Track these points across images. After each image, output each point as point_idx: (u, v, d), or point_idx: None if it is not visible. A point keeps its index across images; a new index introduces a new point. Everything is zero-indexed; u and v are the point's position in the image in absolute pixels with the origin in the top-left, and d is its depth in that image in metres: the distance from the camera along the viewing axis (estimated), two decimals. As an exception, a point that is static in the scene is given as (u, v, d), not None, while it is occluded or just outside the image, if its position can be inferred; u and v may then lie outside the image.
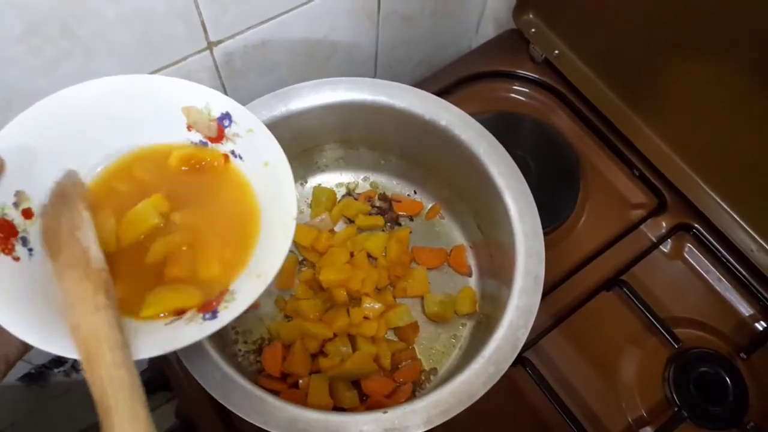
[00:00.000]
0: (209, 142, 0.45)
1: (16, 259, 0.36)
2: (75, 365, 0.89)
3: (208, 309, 0.37)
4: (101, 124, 0.42)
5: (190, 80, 0.44)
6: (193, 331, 0.36)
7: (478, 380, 0.46)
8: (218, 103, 0.44)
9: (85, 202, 0.38)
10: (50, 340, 0.33)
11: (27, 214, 0.38)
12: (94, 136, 0.42)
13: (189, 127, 0.44)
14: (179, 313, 0.38)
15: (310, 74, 0.69)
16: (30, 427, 0.92)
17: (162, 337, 0.36)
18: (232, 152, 0.45)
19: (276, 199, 0.42)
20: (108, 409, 0.30)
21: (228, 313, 0.37)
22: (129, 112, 0.43)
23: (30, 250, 0.37)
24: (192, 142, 0.45)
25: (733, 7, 0.52)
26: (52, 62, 0.48)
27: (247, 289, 0.38)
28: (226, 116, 0.44)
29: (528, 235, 0.52)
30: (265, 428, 0.44)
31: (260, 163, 0.43)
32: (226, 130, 0.44)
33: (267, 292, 0.61)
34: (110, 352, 0.31)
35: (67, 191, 0.39)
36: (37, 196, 0.39)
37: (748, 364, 0.61)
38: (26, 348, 0.36)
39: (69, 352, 0.33)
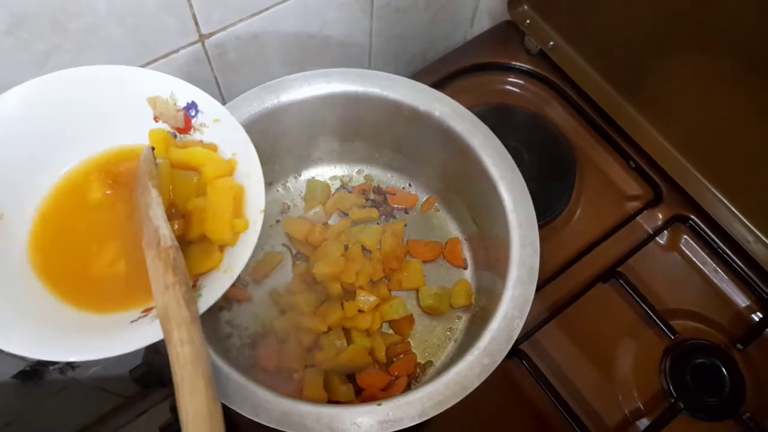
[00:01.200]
0: (177, 134, 0.44)
1: None
2: (70, 363, 0.88)
3: None
4: (67, 117, 0.41)
5: (181, 74, 0.43)
6: (158, 328, 0.35)
7: (473, 372, 0.46)
8: (183, 92, 0.43)
9: (154, 180, 0.39)
10: (17, 342, 0.33)
11: None
12: (62, 129, 0.41)
13: (156, 119, 0.44)
14: (147, 310, 0.38)
15: (303, 68, 0.68)
16: (26, 425, 0.92)
17: (128, 335, 0.36)
18: (201, 143, 0.44)
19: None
20: (176, 384, 0.31)
21: None
22: (95, 105, 0.42)
23: None
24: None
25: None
26: (42, 56, 0.47)
27: (214, 284, 0.38)
28: (192, 106, 0.43)
29: (522, 226, 0.52)
30: (258, 421, 0.43)
31: (228, 154, 0.43)
32: (193, 120, 0.44)
33: (259, 286, 0.61)
34: (177, 330, 0.32)
35: (142, 171, 0.40)
36: (2, 196, 0.38)
37: (745, 355, 0.61)
38: None
39: (35, 352, 0.33)
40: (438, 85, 0.74)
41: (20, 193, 0.39)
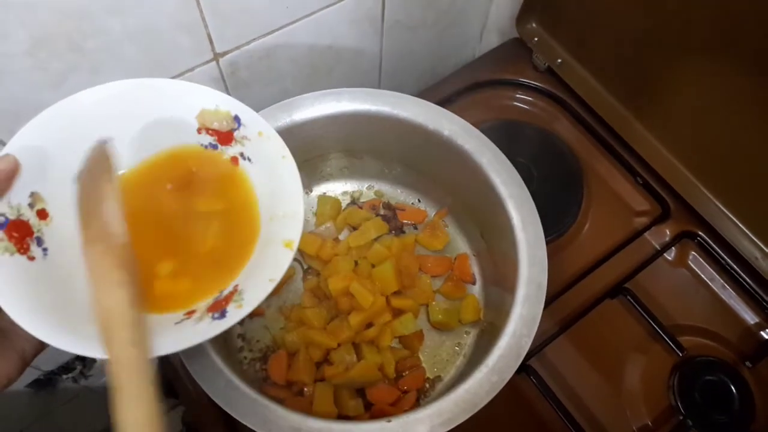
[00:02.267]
0: (219, 145, 0.45)
1: (32, 258, 0.37)
2: (83, 372, 0.89)
3: (218, 308, 0.38)
4: (112, 127, 0.42)
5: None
6: (203, 329, 0.36)
7: (482, 389, 0.46)
8: (228, 105, 0.45)
9: (112, 173, 0.38)
10: (64, 338, 0.34)
11: (42, 215, 0.39)
12: (116, 137, 0.42)
13: (199, 130, 0.45)
14: (190, 313, 0.39)
15: (314, 84, 0.70)
16: (38, 434, 0.93)
17: (172, 336, 0.36)
18: (241, 154, 0.45)
19: (282, 200, 0.43)
20: (117, 388, 0.30)
21: (237, 313, 0.37)
22: (139, 116, 0.43)
23: (45, 249, 0.38)
24: (202, 145, 0.45)
25: (738, 16, 0.52)
26: (59, 75, 0.49)
27: (255, 289, 0.39)
28: (236, 119, 0.44)
29: (531, 244, 0.52)
30: (269, 436, 0.44)
31: (269, 164, 0.44)
32: (235, 133, 0.45)
33: (270, 300, 0.62)
34: (124, 330, 0.31)
35: (95, 163, 0.39)
36: (51, 198, 0.39)
37: (754, 372, 0.61)
38: (42, 345, 0.37)
39: (83, 350, 0.33)
40: (447, 101, 0.74)
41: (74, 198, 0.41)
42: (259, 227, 0.43)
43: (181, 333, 0.37)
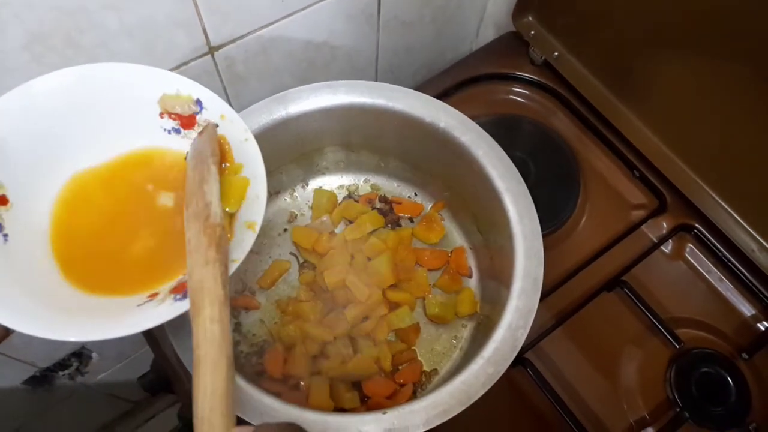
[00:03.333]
0: (182, 129, 0.45)
1: None
2: (80, 369, 0.89)
3: (180, 290, 0.38)
4: (70, 113, 0.42)
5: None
6: (163, 311, 0.36)
7: (478, 381, 0.46)
8: (189, 89, 0.44)
9: (216, 156, 0.39)
10: (26, 322, 0.34)
11: (2, 200, 0.39)
12: (66, 126, 0.42)
13: (161, 114, 0.44)
14: (153, 295, 0.39)
15: (311, 79, 0.69)
16: (36, 430, 0.93)
17: (132, 318, 0.36)
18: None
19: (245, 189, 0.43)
20: (198, 359, 0.31)
21: None
22: (98, 101, 0.43)
23: (5, 235, 0.38)
24: (165, 130, 0.45)
25: (733, 8, 0.52)
26: (56, 70, 0.48)
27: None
28: (197, 102, 0.44)
29: (527, 237, 0.52)
30: (265, 429, 0.44)
31: (232, 148, 0.44)
32: (198, 117, 0.44)
33: (266, 294, 0.62)
34: (210, 306, 0.32)
35: (202, 145, 0.40)
36: (11, 184, 0.39)
37: (750, 364, 0.61)
38: (6, 332, 0.37)
39: (44, 332, 0.33)
40: (443, 95, 0.74)
41: (35, 184, 0.41)
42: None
43: (141, 315, 0.37)
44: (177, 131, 0.45)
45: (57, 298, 0.38)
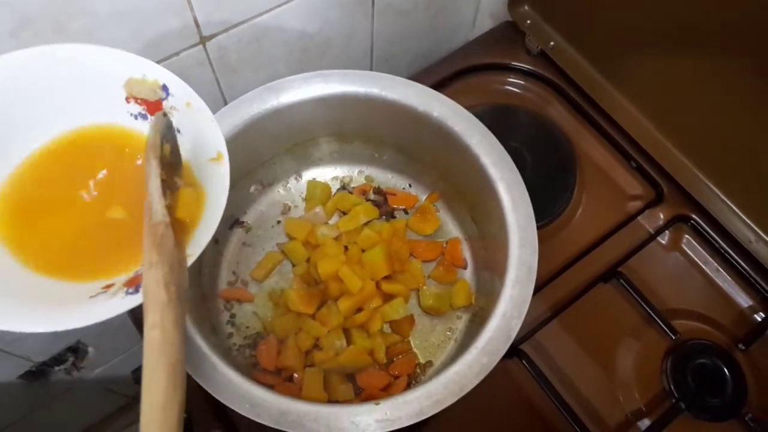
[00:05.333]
0: (148, 115, 0.44)
1: None
2: (76, 364, 0.89)
3: (133, 284, 0.37)
4: (30, 93, 0.41)
5: (183, 76, 0.43)
6: (114, 304, 0.35)
7: (471, 371, 0.46)
8: (155, 74, 0.43)
9: (157, 150, 0.37)
10: None
11: None
12: (25, 107, 0.41)
13: (128, 99, 0.43)
14: (108, 287, 0.38)
15: (305, 70, 0.68)
16: (32, 425, 0.93)
17: (82, 309, 0.35)
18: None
19: (208, 180, 0.42)
20: (144, 368, 0.30)
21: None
22: (64, 82, 0.42)
23: None
24: (131, 115, 0.44)
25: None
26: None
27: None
28: (163, 88, 0.43)
29: (521, 225, 0.52)
30: (257, 420, 0.44)
31: (197, 138, 0.43)
32: (164, 103, 0.43)
33: (260, 286, 0.61)
34: (151, 313, 0.31)
35: (151, 137, 0.38)
36: None
37: (747, 355, 0.61)
38: None
39: (9, 325, 0.33)
40: (439, 85, 0.74)
41: None
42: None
43: (92, 307, 0.36)
44: (144, 117, 0.44)
45: (4, 282, 0.37)
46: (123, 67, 0.43)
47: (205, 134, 0.43)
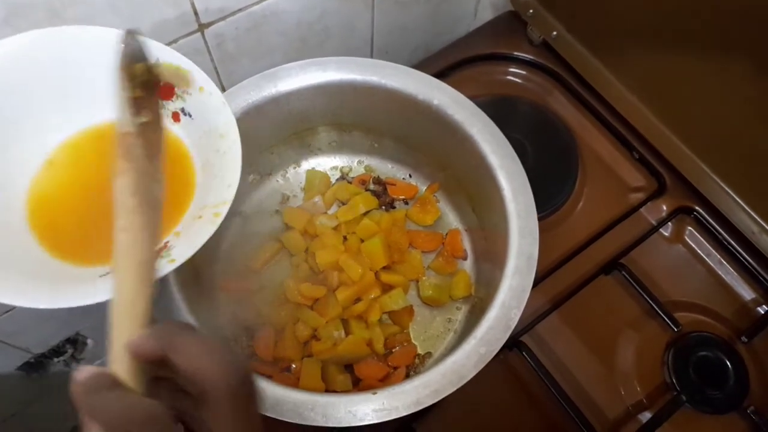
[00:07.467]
0: (160, 100, 0.44)
1: None
2: (75, 355, 0.89)
3: None
4: (40, 79, 0.41)
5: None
6: None
7: (470, 361, 0.45)
8: (170, 59, 0.43)
9: (125, 66, 0.36)
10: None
11: None
12: (42, 93, 0.42)
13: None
14: None
15: (304, 58, 0.68)
16: (31, 416, 0.93)
17: (91, 288, 0.36)
18: (182, 110, 0.44)
19: (219, 169, 0.42)
20: (114, 269, 0.30)
21: (165, 267, 0.37)
22: (75, 65, 0.42)
23: None
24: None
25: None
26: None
27: (185, 246, 0.39)
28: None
29: (521, 215, 0.51)
30: (253, 409, 0.43)
31: (209, 123, 0.43)
32: (176, 88, 0.43)
33: (258, 276, 0.61)
34: (121, 218, 0.31)
35: (119, 60, 0.37)
36: None
37: (749, 347, 0.60)
38: None
39: (12, 298, 0.34)
40: (440, 75, 0.73)
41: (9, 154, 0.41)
42: (195, 184, 0.43)
43: (103, 285, 0.36)
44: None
45: (29, 265, 0.37)
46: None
47: (217, 118, 0.43)
